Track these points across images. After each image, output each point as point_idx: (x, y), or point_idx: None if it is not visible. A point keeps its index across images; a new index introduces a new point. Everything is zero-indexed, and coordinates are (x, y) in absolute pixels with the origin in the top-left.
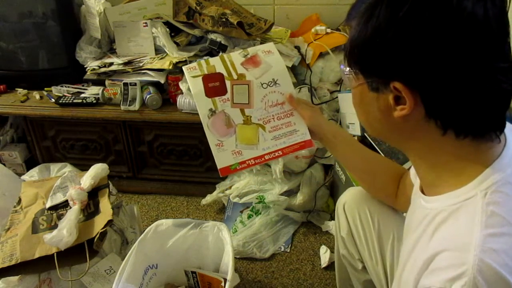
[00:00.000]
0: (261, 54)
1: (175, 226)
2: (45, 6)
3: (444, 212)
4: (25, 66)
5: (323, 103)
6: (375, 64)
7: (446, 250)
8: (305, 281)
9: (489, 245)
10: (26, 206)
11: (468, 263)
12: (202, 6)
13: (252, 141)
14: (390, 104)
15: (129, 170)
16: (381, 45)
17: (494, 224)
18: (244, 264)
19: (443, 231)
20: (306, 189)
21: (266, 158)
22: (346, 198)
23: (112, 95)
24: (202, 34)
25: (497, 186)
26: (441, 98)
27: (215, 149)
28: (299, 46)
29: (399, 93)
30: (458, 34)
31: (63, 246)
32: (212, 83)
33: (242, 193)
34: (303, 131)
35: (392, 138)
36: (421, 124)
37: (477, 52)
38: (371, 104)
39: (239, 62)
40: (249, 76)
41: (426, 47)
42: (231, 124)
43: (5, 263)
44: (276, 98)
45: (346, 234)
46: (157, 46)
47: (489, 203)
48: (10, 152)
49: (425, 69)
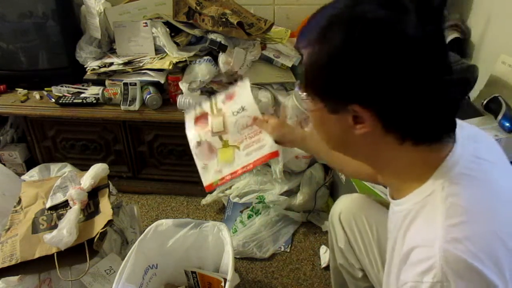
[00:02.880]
0: (237, 88)
1: (175, 226)
2: (45, 6)
3: (412, 211)
4: (25, 66)
5: None
6: (332, 88)
7: (416, 246)
8: (305, 281)
9: (451, 235)
10: (26, 206)
11: (435, 255)
12: (202, 6)
13: (229, 160)
14: (349, 124)
15: (129, 170)
16: (337, 70)
17: (453, 214)
18: (244, 264)
19: (413, 229)
20: (306, 189)
21: (239, 172)
22: (340, 207)
23: (112, 95)
24: (202, 34)
25: (452, 179)
26: (396, 113)
27: (201, 170)
28: None
29: (356, 113)
30: (404, 56)
31: (63, 246)
32: (200, 120)
33: (242, 193)
34: (270, 144)
35: (355, 153)
36: (380, 138)
37: (424, 69)
38: (332, 125)
39: (220, 100)
40: (224, 109)
41: (378, 70)
42: (213, 149)
43: (5, 263)
44: (245, 121)
45: (344, 244)
46: (157, 46)
47: (448, 195)
48: (10, 152)
49: (379, 90)
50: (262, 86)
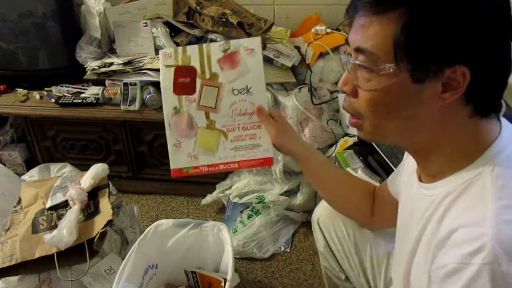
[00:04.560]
0: (243, 51)
1: (175, 226)
2: (45, 6)
3: (453, 193)
4: (25, 66)
5: (323, 103)
6: (436, 48)
7: (461, 227)
8: (305, 281)
9: (503, 217)
10: (26, 206)
11: (486, 236)
12: (202, 6)
13: (211, 147)
14: (436, 92)
15: (129, 170)
16: (443, 28)
17: (505, 196)
18: (244, 264)
19: (455, 210)
20: (306, 189)
21: (220, 168)
22: (319, 212)
23: (112, 95)
24: (202, 34)
25: (503, 161)
26: (487, 76)
27: (172, 149)
28: (299, 46)
29: (451, 78)
30: (500, 11)
31: (63, 246)
32: (183, 78)
33: (242, 193)
34: (266, 147)
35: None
36: (456, 110)
37: (505, 31)
38: (409, 99)
39: (216, 57)
40: (221, 78)
41: (479, 27)
42: (193, 126)
43: (5, 263)
44: (245, 107)
45: (323, 248)
46: (157, 46)
47: (497, 176)
48: (10, 152)
49: (478, 47)
50: None
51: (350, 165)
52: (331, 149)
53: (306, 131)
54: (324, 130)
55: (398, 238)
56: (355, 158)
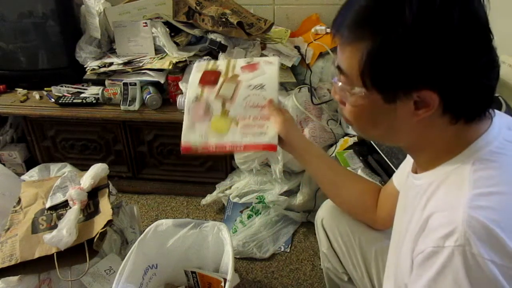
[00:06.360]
0: (262, 62)
1: (175, 226)
2: (45, 6)
3: (436, 181)
4: (25, 66)
5: (323, 103)
6: (399, 76)
7: (436, 212)
8: (305, 281)
9: (476, 203)
10: (26, 206)
11: (458, 219)
12: (202, 6)
13: (221, 131)
14: (410, 110)
15: (129, 170)
16: (403, 57)
17: (481, 186)
18: (244, 264)
19: (435, 198)
20: (306, 189)
21: (227, 149)
22: (323, 213)
23: (112, 95)
24: (202, 34)
25: (484, 155)
26: (457, 93)
27: (186, 128)
28: (299, 46)
29: (420, 98)
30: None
31: (63, 246)
32: (209, 77)
33: (242, 193)
34: (271, 135)
35: (402, 139)
36: (435, 120)
37: (483, 44)
38: (384, 115)
39: (240, 65)
40: (241, 77)
41: (446, 49)
42: (209, 113)
43: (5, 263)
44: (258, 100)
45: (327, 249)
46: (157, 46)
47: (477, 169)
48: (10, 152)
49: (446, 70)
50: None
51: (350, 165)
52: (331, 149)
53: (306, 131)
54: (324, 130)
55: (394, 230)
56: (355, 158)
